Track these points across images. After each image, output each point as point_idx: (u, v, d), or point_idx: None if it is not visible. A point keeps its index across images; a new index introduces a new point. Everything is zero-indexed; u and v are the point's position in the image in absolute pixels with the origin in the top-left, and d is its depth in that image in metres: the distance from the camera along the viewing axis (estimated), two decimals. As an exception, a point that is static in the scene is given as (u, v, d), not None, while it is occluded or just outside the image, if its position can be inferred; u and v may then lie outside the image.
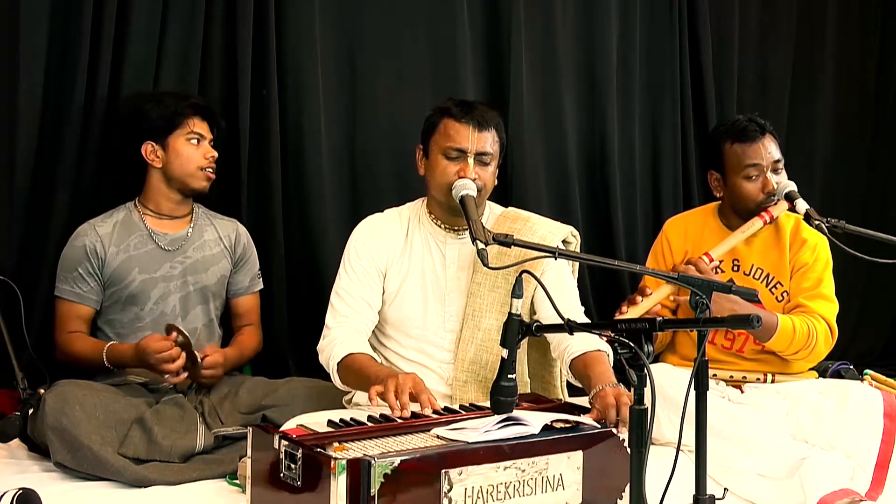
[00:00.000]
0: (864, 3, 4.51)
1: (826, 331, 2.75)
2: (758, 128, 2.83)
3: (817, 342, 2.72)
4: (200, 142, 2.83)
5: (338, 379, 2.46)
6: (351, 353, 2.43)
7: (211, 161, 2.84)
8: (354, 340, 2.48)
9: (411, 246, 2.64)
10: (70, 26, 2.91)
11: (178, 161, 2.81)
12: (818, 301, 2.79)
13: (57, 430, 2.38)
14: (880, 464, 2.47)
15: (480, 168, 2.52)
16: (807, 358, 2.78)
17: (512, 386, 2.00)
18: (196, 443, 2.50)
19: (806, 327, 2.71)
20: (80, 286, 2.78)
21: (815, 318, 2.75)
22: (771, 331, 2.68)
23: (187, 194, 2.85)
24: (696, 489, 1.77)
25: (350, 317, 2.55)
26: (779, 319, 2.69)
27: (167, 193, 2.85)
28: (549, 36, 3.71)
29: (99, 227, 2.81)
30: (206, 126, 2.86)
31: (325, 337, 2.53)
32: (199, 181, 2.83)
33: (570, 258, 2.64)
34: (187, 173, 2.81)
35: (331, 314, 2.58)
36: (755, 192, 2.81)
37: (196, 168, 2.82)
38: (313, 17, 3.29)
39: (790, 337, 2.69)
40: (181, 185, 2.83)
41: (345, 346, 2.45)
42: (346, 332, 2.51)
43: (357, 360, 2.41)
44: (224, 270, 2.93)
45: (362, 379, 2.36)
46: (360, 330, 2.54)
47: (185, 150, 2.81)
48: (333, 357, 2.44)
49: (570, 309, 2.60)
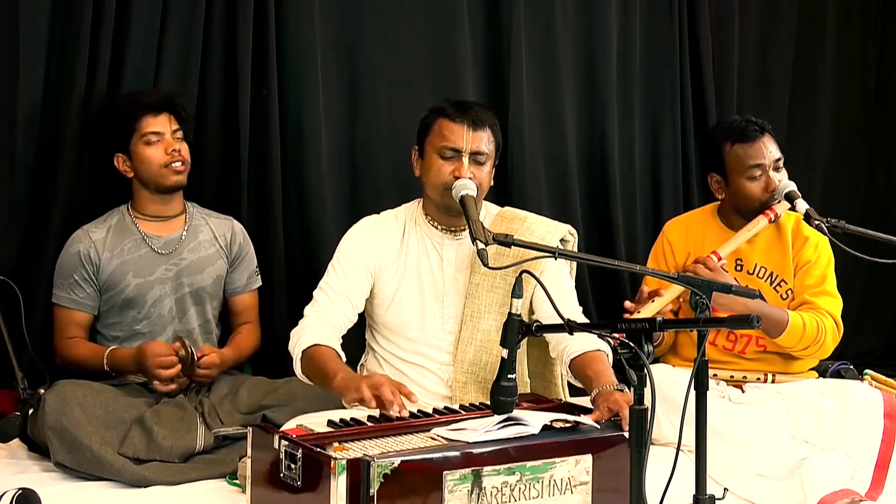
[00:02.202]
0: (864, 3, 4.50)
1: (833, 327, 2.75)
2: (757, 127, 2.84)
3: (826, 338, 2.73)
4: (159, 140, 2.78)
5: (299, 367, 2.44)
6: (317, 343, 2.41)
7: (174, 155, 2.78)
8: (324, 332, 2.47)
9: (407, 248, 2.64)
10: (70, 26, 2.91)
11: (143, 166, 2.79)
12: (823, 297, 2.79)
13: (57, 429, 2.38)
14: (880, 464, 2.48)
15: (475, 168, 2.52)
16: (815, 354, 2.79)
17: (512, 386, 2.00)
18: (196, 443, 2.50)
19: (815, 324, 2.71)
20: (77, 293, 2.78)
21: (823, 315, 2.75)
22: (781, 327, 2.68)
23: (165, 193, 2.83)
24: (696, 489, 1.77)
25: (327, 308, 2.54)
26: (789, 316, 2.69)
27: (150, 196, 2.84)
28: (549, 36, 3.71)
29: (93, 232, 2.81)
30: (165, 119, 2.80)
31: (299, 325, 2.52)
32: (167, 178, 2.79)
33: (570, 258, 2.64)
34: (153, 174, 2.79)
35: (310, 305, 2.57)
36: (759, 191, 2.81)
37: (159, 167, 2.78)
38: (313, 17, 3.29)
39: (800, 333, 2.69)
40: (155, 186, 2.81)
41: (313, 336, 2.44)
42: (318, 322, 2.50)
43: (321, 352, 2.39)
44: (220, 270, 2.92)
45: (320, 373, 2.35)
46: (335, 324, 2.53)
47: (144, 153, 2.78)
48: (300, 344, 2.43)
49: (569, 309, 2.59)
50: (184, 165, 2.82)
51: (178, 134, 2.83)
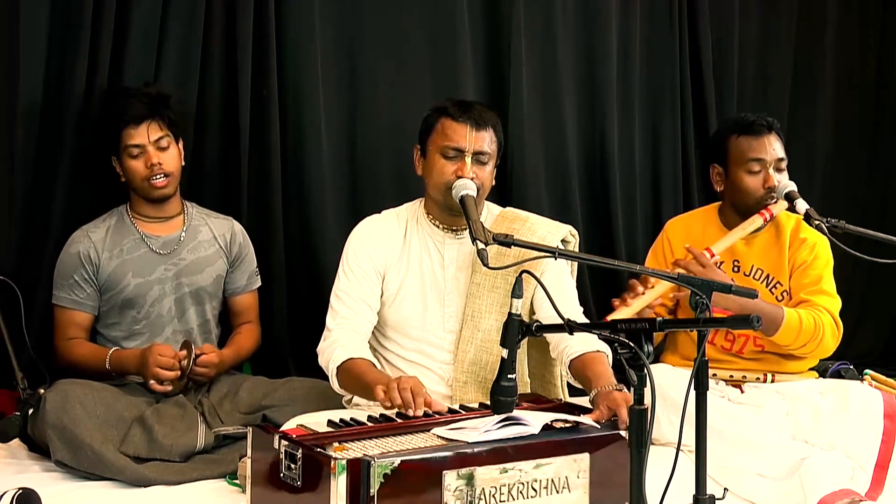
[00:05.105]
0: (864, 3, 4.50)
1: (832, 323, 2.73)
2: (765, 124, 2.85)
3: (824, 334, 2.71)
4: (140, 152, 2.76)
5: (336, 383, 2.45)
6: (351, 357, 2.42)
7: (153, 169, 2.74)
8: (355, 344, 2.48)
9: (409, 247, 2.64)
10: (70, 26, 2.91)
11: (128, 175, 2.79)
12: (820, 296, 2.78)
13: (58, 428, 2.38)
14: (880, 464, 2.47)
15: (478, 167, 2.52)
16: (814, 351, 2.76)
17: (512, 386, 2.00)
18: (197, 442, 2.50)
19: (812, 320, 2.70)
20: (77, 293, 2.78)
21: (821, 311, 2.73)
22: (777, 323, 2.67)
23: (154, 201, 2.82)
24: (696, 489, 1.77)
25: (350, 318, 2.54)
26: (784, 312, 2.68)
27: (141, 200, 2.84)
28: (549, 36, 3.71)
29: (92, 232, 2.80)
30: (146, 129, 2.75)
31: (326, 339, 2.53)
32: (150, 191, 2.78)
33: (570, 258, 2.64)
34: (137, 186, 2.79)
35: (331, 316, 2.57)
36: (756, 186, 2.81)
37: (141, 179, 2.77)
38: (313, 17, 3.29)
39: (797, 329, 2.68)
40: (142, 194, 2.81)
41: (345, 350, 2.44)
42: (346, 334, 2.50)
43: (357, 365, 2.40)
44: (220, 270, 2.92)
45: (361, 385, 2.36)
46: (360, 332, 2.54)
47: (127, 164, 2.77)
48: (333, 361, 2.43)
49: (570, 309, 2.60)
50: (166, 178, 2.78)
51: (162, 142, 2.77)
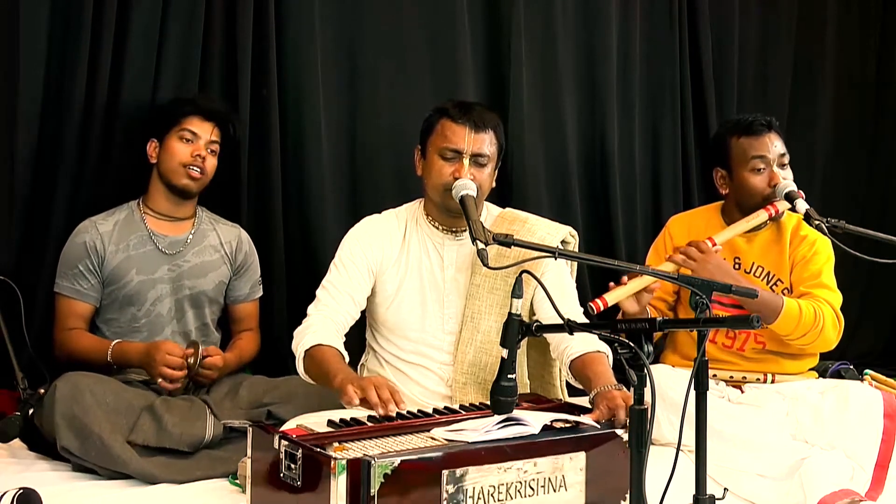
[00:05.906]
0: (864, 3, 4.51)
1: (832, 314, 2.73)
2: (764, 123, 2.86)
3: (825, 325, 2.70)
4: (194, 140, 2.81)
5: (301, 367, 2.45)
6: (320, 344, 2.41)
7: (196, 160, 2.79)
8: (327, 332, 2.47)
9: (409, 248, 2.64)
10: (70, 27, 2.91)
11: (167, 157, 2.81)
12: (821, 289, 2.78)
13: (67, 416, 2.38)
14: (880, 464, 2.48)
15: (476, 169, 2.52)
16: (815, 342, 2.75)
17: (512, 386, 2.00)
18: (205, 432, 2.50)
19: (812, 309, 2.69)
20: (80, 283, 2.78)
21: (821, 302, 2.73)
22: (776, 311, 2.66)
23: (175, 193, 2.83)
24: (696, 489, 1.77)
25: (330, 307, 2.54)
26: (784, 300, 2.68)
27: (163, 191, 2.84)
28: (549, 36, 3.71)
29: (100, 224, 2.81)
30: (210, 127, 2.84)
31: (302, 324, 2.53)
32: (180, 178, 2.80)
33: (570, 258, 2.64)
34: (170, 169, 2.80)
35: (313, 304, 2.58)
36: (762, 185, 2.81)
37: (178, 164, 2.79)
38: (313, 17, 3.29)
39: (797, 318, 2.67)
40: (167, 181, 2.82)
41: (316, 336, 2.44)
42: (321, 321, 2.50)
43: (323, 352, 2.39)
44: (223, 276, 2.92)
45: (322, 373, 2.35)
46: (338, 322, 2.53)
47: (174, 146, 2.80)
48: (303, 344, 2.43)
49: (570, 310, 2.59)
50: (202, 174, 2.82)
51: (213, 146, 2.85)
